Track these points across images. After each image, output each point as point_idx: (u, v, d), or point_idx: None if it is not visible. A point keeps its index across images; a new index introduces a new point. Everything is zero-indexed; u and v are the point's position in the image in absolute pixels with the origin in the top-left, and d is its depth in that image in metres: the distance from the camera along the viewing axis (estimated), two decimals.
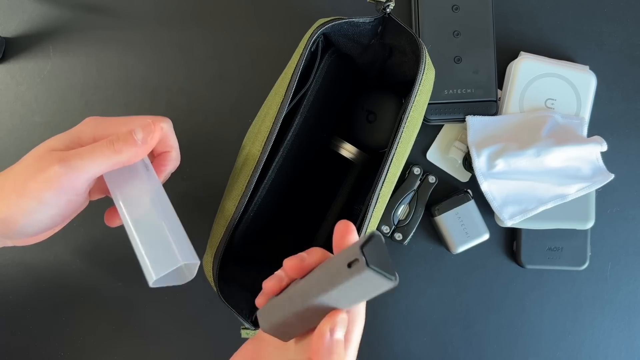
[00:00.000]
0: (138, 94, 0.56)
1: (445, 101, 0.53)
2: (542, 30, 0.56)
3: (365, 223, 0.40)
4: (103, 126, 0.33)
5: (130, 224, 0.33)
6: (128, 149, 0.32)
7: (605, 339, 0.55)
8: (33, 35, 0.56)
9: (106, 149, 0.31)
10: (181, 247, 0.32)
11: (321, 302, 0.27)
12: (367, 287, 0.26)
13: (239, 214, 0.40)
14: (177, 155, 0.38)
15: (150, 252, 0.32)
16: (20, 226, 0.31)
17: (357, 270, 0.25)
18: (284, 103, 0.40)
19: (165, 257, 0.32)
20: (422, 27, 0.54)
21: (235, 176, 0.42)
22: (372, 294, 0.27)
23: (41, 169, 0.30)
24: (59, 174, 0.30)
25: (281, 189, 0.48)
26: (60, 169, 0.30)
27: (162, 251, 0.32)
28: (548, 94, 0.53)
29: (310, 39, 0.40)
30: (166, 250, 0.32)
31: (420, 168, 0.53)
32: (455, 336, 0.55)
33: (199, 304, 0.55)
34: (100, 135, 0.33)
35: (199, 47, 0.56)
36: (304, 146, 0.48)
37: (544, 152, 0.49)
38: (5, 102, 0.56)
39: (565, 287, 0.55)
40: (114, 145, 0.31)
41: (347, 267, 0.25)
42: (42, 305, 0.55)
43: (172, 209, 0.35)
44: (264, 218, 0.47)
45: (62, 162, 0.30)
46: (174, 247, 0.32)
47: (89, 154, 0.31)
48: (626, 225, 0.55)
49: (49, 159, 0.30)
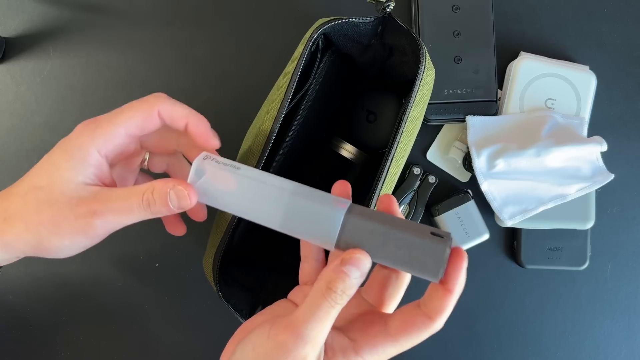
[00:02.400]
0: (138, 94, 0.55)
1: (445, 101, 0.53)
2: (542, 30, 0.56)
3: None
4: (102, 138, 0.32)
5: (280, 228, 0.30)
6: (163, 212, 0.32)
7: (605, 339, 0.55)
8: (33, 35, 0.56)
9: (143, 210, 0.31)
10: (325, 205, 0.29)
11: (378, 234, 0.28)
12: (420, 260, 0.28)
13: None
14: (198, 120, 0.34)
15: (312, 232, 0.29)
16: (50, 254, 0.32)
17: (436, 241, 0.27)
18: (284, 103, 0.40)
19: (327, 226, 0.29)
20: (422, 27, 0.54)
21: None
22: (413, 269, 0.28)
23: (77, 216, 0.30)
24: (95, 226, 0.31)
25: None
26: (97, 221, 0.31)
27: (320, 225, 0.29)
28: (548, 94, 0.53)
29: (310, 39, 0.40)
30: (323, 221, 0.29)
31: (420, 168, 0.53)
32: (455, 336, 0.55)
33: (199, 304, 0.55)
34: (105, 151, 0.32)
35: (199, 47, 0.56)
36: (304, 146, 0.48)
37: (544, 152, 0.49)
38: (5, 102, 0.56)
39: (565, 287, 0.55)
40: (151, 208, 0.31)
41: (430, 233, 0.27)
42: (42, 305, 0.55)
43: (274, 179, 0.31)
44: None
45: (98, 217, 0.31)
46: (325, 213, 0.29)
47: (126, 214, 0.31)
48: (626, 225, 0.55)
49: (84, 208, 0.31)
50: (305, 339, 0.27)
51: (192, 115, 0.34)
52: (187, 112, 0.34)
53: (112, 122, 0.32)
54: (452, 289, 0.28)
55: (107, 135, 0.32)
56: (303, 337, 0.27)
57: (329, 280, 0.27)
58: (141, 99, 0.33)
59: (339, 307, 0.27)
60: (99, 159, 0.32)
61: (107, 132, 0.32)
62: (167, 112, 0.33)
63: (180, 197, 0.31)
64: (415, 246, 0.27)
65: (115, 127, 0.32)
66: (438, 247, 0.27)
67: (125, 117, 0.32)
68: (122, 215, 0.31)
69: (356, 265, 0.28)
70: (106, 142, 0.32)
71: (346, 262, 0.28)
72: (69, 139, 0.32)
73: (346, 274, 0.27)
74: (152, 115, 0.33)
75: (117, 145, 0.33)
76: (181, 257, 0.55)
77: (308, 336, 0.27)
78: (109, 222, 0.31)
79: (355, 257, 0.28)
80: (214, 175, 0.31)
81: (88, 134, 0.32)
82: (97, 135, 0.32)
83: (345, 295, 0.27)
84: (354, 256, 0.28)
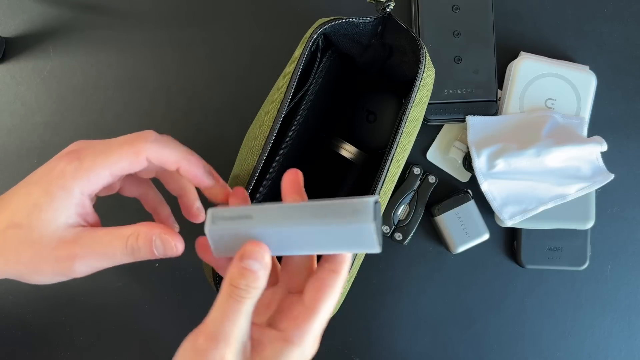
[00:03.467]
0: (138, 94, 0.56)
1: (445, 101, 0.53)
2: (542, 30, 0.56)
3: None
4: (85, 179, 0.30)
5: (311, 251, 0.30)
6: (147, 257, 0.31)
7: (605, 339, 0.55)
8: (33, 35, 0.56)
9: (126, 256, 0.31)
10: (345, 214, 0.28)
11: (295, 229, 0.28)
12: (354, 239, 0.27)
13: None
14: (189, 164, 0.33)
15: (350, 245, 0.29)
16: (30, 283, 0.32)
17: (362, 219, 0.26)
18: (283, 103, 0.40)
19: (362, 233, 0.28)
20: (422, 27, 0.54)
21: (235, 176, 0.42)
22: (352, 248, 0.28)
23: (58, 259, 0.30)
24: (74, 270, 0.31)
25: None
26: (77, 264, 0.30)
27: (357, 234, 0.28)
28: (548, 94, 0.53)
29: (310, 39, 0.40)
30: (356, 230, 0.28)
31: (420, 168, 0.53)
32: (455, 336, 0.55)
33: (199, 304, 0.55)
34: (89, 191, 0.31)
35: (199, 47, 0.56)
36: (304, 146, 0.48)
37: (544, 152, 0.49)
38: (5, 102, 0.56)
39: (565, 287, 0.55)
40: (134, 254, 0.31)
41: (352, 213, 0.26)
42: (42, 305, 0.55)
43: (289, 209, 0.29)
44: None
45: (78, 260, 0.30)
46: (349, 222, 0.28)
47: (108, 259, 0.31)
48: (626, 225, 0.55)
49: (64, 251, 0.30)
50: (219, 339, 0.27)
51: (183, 160, 0.32)
52: (177, 157, 0.32)
53: (96, 163, 0.30)
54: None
55: (90, 176, 0.30)
56: (216, 338, 0.27)
57: (231, 278, 0.28)
58: (129, 141, 0.31)
59: (248, 301, 0.28)
60: (82, 198, 0.31)
61: (91, 173, 0.30)
62: (156, 157, 0.32)
63: (167, 246, 0.31)
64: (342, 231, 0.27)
65: (101, 169, 0.30)
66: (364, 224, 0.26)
67: (111, 161, 0.31)
68: (104, 260, 0.31)
69: (252, 257, 0.28)
70: (90, 184, 0.30)
71: (243, 257, 0.28)
72: (51, 178, 0.30)
73: (245, 268, 0.28)
74: (139, 160, 0.31)
75: (101, 185, 0.31)
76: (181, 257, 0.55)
77: (221, 335, 0.27)
78: (89, 265, 0.31)
79: (249, 250, 0.28)
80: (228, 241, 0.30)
81: (71, 173, 0.30)
82: (80, 176, 0.30)
83: (251, 289, 0.28)
84: (248, 249, 0.28)
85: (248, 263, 0.28)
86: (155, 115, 0.56)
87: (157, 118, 0.56)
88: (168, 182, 0.37)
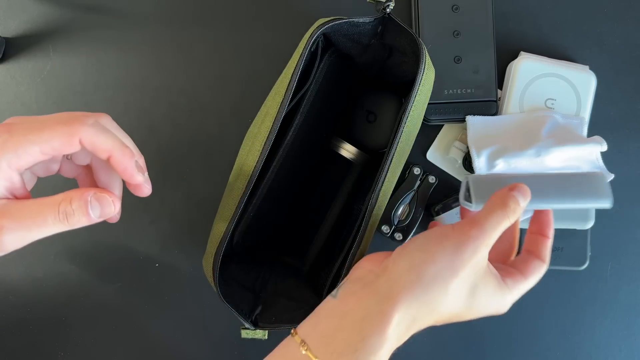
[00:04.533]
0: (138, 94, 0.56)
1: (445, 101, 0.53)
2: (542, 30, 0.56)
3: (365, 223, 0.40)
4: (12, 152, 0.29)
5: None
6: (82, 222, 0.30)
7: (605, 339, 0.55)
8: (33, 35, 0.56)
9: (59, 222, 0.30)
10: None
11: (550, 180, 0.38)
12: (594, 192, 0.37)
13: (238, 214, 0.40)
14: (121, 155, 0.31)
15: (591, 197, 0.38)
16: None
17: (602, 176, 0.38)
18: (283, 103, 0.40)
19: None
20: (422, 27, 0.54)
21: (235, 176, 0.42)
22: (589, 201, 0.37)
23: None
24: (3, 242, 0.29)
25: (281, 189, 0.48)
26: (5, 237, 0.29)
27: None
28: (548, 94, 0.53)
29: (310, 39, 0.40)
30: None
31: (420, 168, 0.53)
32: (455, 336, 0.55)
33: (199, 304, 0.55)
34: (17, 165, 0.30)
35: (199, 47, 0.56)
36: (304, 146, 0.48)
37: (544, 152, 0.49)
38: (5, 102, 0.56)
39: (565, 287, 0.55)
40: (69, 220, 0.30)
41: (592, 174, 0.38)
42: (42, 305, 0.55)
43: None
44: (264, 218, 0.48)
45: (6, 233, 0.29)
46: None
47: (38, 228, 0.29)
48: (626, 225, 0.55)
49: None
50: (486, 233, 0.33)
51: (116, 150, 0.31)
52: (110, 145, 0.31)
53: (27, 138, 0.29)
54: (547, 235, 0.39)
55: (18, 150, 0.29)
56: (486, 231, 0.33)
57: (503, 196, 0.34)
58: (65, 121, 0.30)
59: (506, 222, 0.34)
60: (9, 171, 0.29)
61: (20, 147, 0.29)
62: (89, 141, 0.30)
63: (104, 204, 0.30)
64: (589, 182, 0.38)
65: (30, 144, 0.29)
66: (604, 178, 0.38)
67: (43, 137, 0.29)
68: (34, 230, 0.29)
69: (521, 192, 0.35)
70: (17, 158, 0.29)
71: (514, 189, 0.35)
72: None
73: (514, 197, 0.34)
74: (72, 142, 0.30)
75: (31, 161, 0.30)
76: (181, 257, 0.55)
77: (488, 231, 0.33)
78: (18, 237, 0.29)
79: (519, 186, 0.35)
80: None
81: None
82: (8, 149, 0.29)
83: (511, 213, 0.34)
84: (519, 185, 0.35)
85: (517, 194, 0.34)
86: (155, 115, 0.56)
87: (157, 118, 0.56)
88: (99, 173, 0.35)
